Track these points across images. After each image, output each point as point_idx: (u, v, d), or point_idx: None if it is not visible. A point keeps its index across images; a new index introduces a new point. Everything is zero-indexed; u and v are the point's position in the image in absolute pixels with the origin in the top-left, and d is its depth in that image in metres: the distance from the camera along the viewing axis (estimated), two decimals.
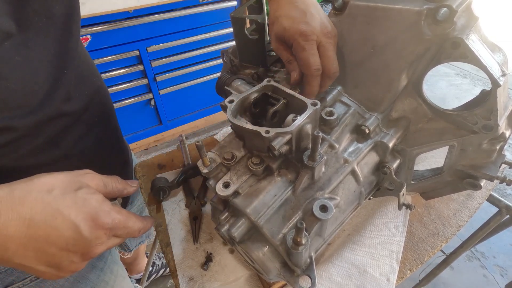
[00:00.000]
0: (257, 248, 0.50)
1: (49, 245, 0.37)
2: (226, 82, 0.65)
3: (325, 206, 0.46)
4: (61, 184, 0.39)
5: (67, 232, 0.38)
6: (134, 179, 0.59)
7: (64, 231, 0.37)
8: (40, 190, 0.37)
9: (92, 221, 0.39)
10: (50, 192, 0.38)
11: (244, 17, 0.59)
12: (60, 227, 0.37)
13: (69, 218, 0.37)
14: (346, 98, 0.59)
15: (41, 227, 0.36)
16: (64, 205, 0.38)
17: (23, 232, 0.35)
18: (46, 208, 0.36)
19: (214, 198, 0.57)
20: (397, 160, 0.58)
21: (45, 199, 0.37)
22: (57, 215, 0.37)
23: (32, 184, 0.37)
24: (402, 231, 0.74)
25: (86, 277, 0.71)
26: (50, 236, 0.37)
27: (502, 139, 0.53)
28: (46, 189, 0.38)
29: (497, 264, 1.71)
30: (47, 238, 0.37)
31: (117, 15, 1.72)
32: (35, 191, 0.37)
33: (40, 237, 0.36)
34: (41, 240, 0.36)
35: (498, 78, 0.46)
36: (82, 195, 0.40)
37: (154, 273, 1.59)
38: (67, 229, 0.37)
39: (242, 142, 0.55)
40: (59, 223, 0.37)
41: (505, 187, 2.03)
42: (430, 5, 0.48)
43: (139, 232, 0.48)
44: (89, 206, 0.40)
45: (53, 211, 0.37)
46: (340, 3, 0.57)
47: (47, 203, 0.37)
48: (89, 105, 0.61)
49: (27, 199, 0.36)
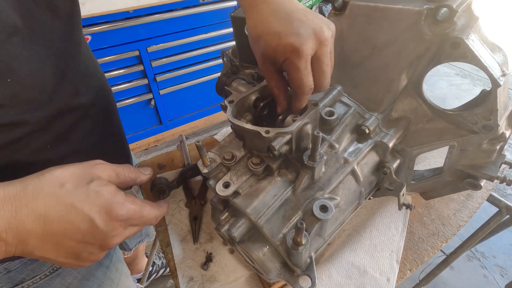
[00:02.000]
0: (257, 248, 0.50)
1: (66, 239, 0.37)
2: (226, 82, 0.65)
3: (325, 206, 0.46)
4: (73, 178, 0.39)
5: (83, 225, 0.38)
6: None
7: (79, 224, 0.37)
8: (52, 185, 0.37)
9: (106, 213, 0.39)
10: (62, 186, 0.38)
11: (244, 17, 0.59)
12: (75, 221, 0.37)
13: (83, 212, 0.37)
14: (346, 98, 0.59)
15: (56, 222, 0.36)
16: (77, 199, 0.38)
17: (40, 227, 0.35)
18: (59, 203, 0.36)
19: (214, 198, 0.57)
20: (397, 160, 0.58)
21: (58, 194, 0.37)
22: (71, 209, 0.37)
23: (44, 179, 0.37)
24: (402, 231, 0.74)
25: (93, 275, 0.71)
26: (67, 230, 0.37)
27: (502, 139, 0.53)
28: (58, 184, 0.38)
29: (497, 264, 1.71)
30: (64, 232, 0.37)
31: (117, 15, 1.72)
32: (47, 186, 0.37)
33: (57, 232, 0.36)
34: (58, 235, 0.37)
35: (498, 78, 0.46)
36: (95, 188, 0.40)
37: (154, 273, 1.59)
38: (82, 222, 0.37)
39: (242, 142, 0.55)
40: (73, 217, 0.37)
41: (505, 187, 2.03)
42: (430, 5, 0.48)
43: (156, 219, 0.47)
44: (102, 199, 0.39)
45: (67, 205, 0.37)
46: (340, 3, 0.57)
47: (60, 198, 0.37)
48: (95, 100, 0.61)
49: (40, 195, 0.36)
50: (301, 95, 0.48)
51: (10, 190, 0.35)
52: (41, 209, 0.35)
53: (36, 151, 0.51)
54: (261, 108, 0.55)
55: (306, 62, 0.44)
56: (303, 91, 0.47)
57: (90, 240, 0.39)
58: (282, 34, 0.43)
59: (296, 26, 0.43)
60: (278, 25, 0.44)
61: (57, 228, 0.36)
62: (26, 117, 0.47)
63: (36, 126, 0.49)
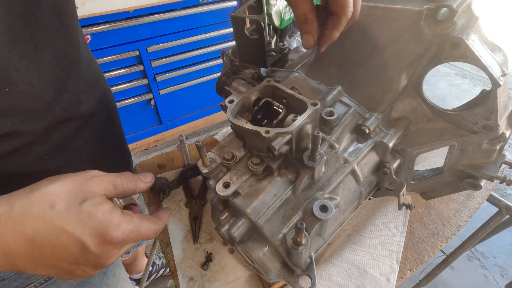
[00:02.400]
0: (257, 248, 0.50)
1: (58, 261, 0.36)
2: (226, 82, 0.65)
3: (325, 206, 0.46)
4: (65, 197, 0.36)
5: (74, 249, 0.36)
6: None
7: (71, 249, 0.36)
8: (41, 205, 0.34)
9: (99, 237, 0.37)
10: (52, 207, 0.35)
11: (244, 17, 0.59)
12: (66, 245, 0.35)
13: (74, 236, 0.35)
14: (346, 98, 0.59)
15: (46, 245, 0.34)
16: (68, 222, 0.35)
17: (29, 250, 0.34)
18: (49, 226, 0.34)
19: (214, 198, 0.57)
20: (397, 160, 0.58)
21: (47, 215, 0.34)
22: (61, 233, 0.35)
23: (33, 197, 0.35)
24: (402, 231, 0.74)
25: (89, 281, 0.71)
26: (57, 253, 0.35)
27: (502, 139, 0.53)
28: (48, 204, 0.35)
29: (497, 264, 1.71)
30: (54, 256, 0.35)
31: (117, 15, 1.72)
32: (36, 205, 0.34)
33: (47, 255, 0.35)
34: (49, 257, 0.35)
35: (498, 78, 0.46)
36: (87, 209, 0.37)
37: (154, 273, 1.59)
38: (74, 247, 0.36)
39: (242, 142, 0.55)
40: (64, 241, 0.35)
41: (505, 187, 2.02)
42: (430, 5, 0.48)
43: (155, 233, 0.45)
44: (96, 221, 0.37)
45: (57, 229, 0.34)
46: None
47: (49, 220, 0.34)
48: (96, 109, 0.60)
49: (28, 217, 0.33)
50: (343, 19, 0.46)
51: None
52: (29, 232, 0.33)
53: (33, 162, 0.49)
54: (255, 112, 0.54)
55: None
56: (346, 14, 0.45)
57: (83, 261, 0.38)
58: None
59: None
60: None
61: (47, 251, 0.35)
62: (24, 127, 0.45)
63: (34, 137, 0.47)
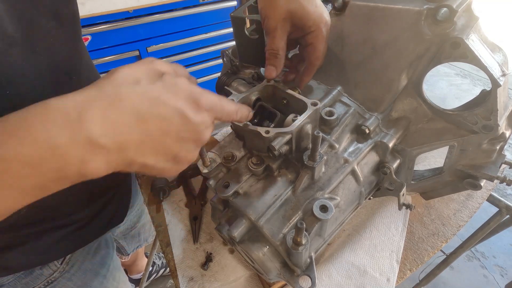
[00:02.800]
0: (257, 248, 0.50)
1: (163, 137, 0.34)
2: (226, 82, 0.65)
3: (325, 206, 0.46)
4: (144, 74, 0.35)
5: (175, 120, 0.34)
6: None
7: (171, 119, 0.34)
8: (128, 84, 0.33)
9: (192, 103, 0.36)
10: (138, 83, 0.34)
11: (244, 17, 0.59)
12: (167, 116, 0.34)
13: (170, 105, 0.34)
14: (346, 98, 0.59)
15: (149, 119, 0.33)
16: (160, 92, 0.34)
17: (135, 128, 0.32)
18: (145, 99, 0.33)
19: (214, 198, 0.57)
20: (397, 160, 0.58)
21: (139, 90, 0.33)
22: (158, 103, 0.33)
23: (116, 81, 0.33)
24: (402, 231, 0.74)
25: (90, 285, 0.71)
26: (161, 127, 0.34)
27: (502, 139, 0.53)
28: (133, 82, 0.34)
29: (497, 264, 1.71)
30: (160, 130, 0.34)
31: (117, 15, 1.72)
32: (124, 86, 0.33)
33: (153, 131, 0.33)
34: (155, 134, 0.34)
35: (498, 78, 0.46)
36: (170, 80, 0.36)
37: (154, 273, 1.59)
38: (173, 116, 0.34)
39: (242, 142, 0.55)
40: (163, 111, 0.33)
41: (505, 187, 2.02)
42: (430, 5, 0.48)
43: (237, 113, 0.43)
44: (183, 90, 0.36)
45: (153, 100, 0.33)
46: (340, 3, 0.57)
47: (142, 94, 0.33)
48: None
49: (122, 95, 0.32)
50: (314, 67, 0.54)
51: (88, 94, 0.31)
52: (129, 107, 0.31)
53: None
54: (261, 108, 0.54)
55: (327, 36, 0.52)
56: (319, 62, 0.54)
57: (185, 135, 0.36)
58: (317, 4, 0.50)
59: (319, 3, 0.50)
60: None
61: (152, 126, 0.33)
62: None
63: None
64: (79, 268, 0.68)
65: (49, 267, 0.63)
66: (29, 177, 0.28)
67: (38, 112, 0.29)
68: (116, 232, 1.00)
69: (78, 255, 0.68)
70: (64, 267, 0.65)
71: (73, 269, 0.67)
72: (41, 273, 0.62)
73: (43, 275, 0.62)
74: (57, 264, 0.64)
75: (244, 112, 0.45)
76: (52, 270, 0.63)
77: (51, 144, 0.28)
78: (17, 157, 0.27)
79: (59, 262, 0.64)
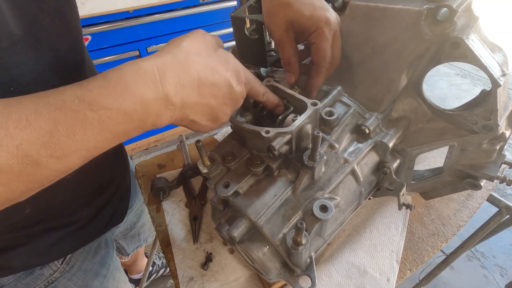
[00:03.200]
0: (257, 248, 0.50)
1: (213, 99, 0.41)
2: None
3: (325, 206, 0.46)
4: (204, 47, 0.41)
5: (224, 87, 0.41)
6: None
7: (221, 87, 0.41)
8: (193, 54, 0.39)
9: (236, 76, 0.43)
10: (200, 54, 0.40)
11: (244, 17, 0.59)
12: (218, 83, 0.40)
13: (223, 75, 0.41)
14: (346, 98, 0.59)
15: (206, 84, 0.39)
16: (216, 64, 0.41)
17: (195, 90, 0.38)
18: (205, 67, 0.39)
19: (214, 198, 0.57)
20: (397, 160, 0.58)
21: (201, 60, 0.39)
22: (214, 72, 0.40)
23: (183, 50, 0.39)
24: (402, 231, 0.74)
25: (90, 285, 0.71)
26: (213, 92, 0.40)
27: (502, 139, 0.53)
28: (196, 52, 0.40)
29: (497, 264, 1.71)
30: (211, 93, 0.40)
31: (117, 15, 1.72)
32: (191, 55, 0.39)
33: (206, 94, 0.40)
34: (207, 96, 0.40)
35: (498, 78, 0.46)
36: (222, 54, 0.43)
37: (154, 273, 1.59)
38: (224, 84, 0.41)
39: (242, 142, 0.55)
40: (217, 79, 0.40)
41: (505, 187, 2.03)
42: (430, 5, 0.48)
43: (263, 95, 0.49)
44: (231, 64, 0.43)
45: (211, 69, 0.40)
46: (340, 3, 0.57)
47: (204, 63, 0.39)
48: None
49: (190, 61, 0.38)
50: (323, 68, 0.53)
51: (165, 60, 0.37)
52: (195, 74, 0.38)
53: None
54: (261, 108, 0.55)
55: (331, 35, 0.50)
56: (325, 64, 0.52)
57: (228, 101, 0.43)
58: (316, 6, 0.50)
59: (323, 2, 0.50)
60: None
61: (206, 90, 0.40)
62: None
63: None
64: (79, 268, 0.68)
65: (50, 267, 0.63)
66: (122, 124, 0.33)
67: (133, 71, 0.34)
68: (116, 232, 1.00)
69: (78, 255, 0.68)
70: (64, 267, 0.65)
71: (73, 269, 0.67)
72: (42, 273, 0.62)
73: (44, 275, 0.62)
74: (58, 264, 0.64)
75: (269, 97, 0.50)
76: (53, 270, 0.63)
77: (142, 99, 0.34)
78: (119, 107, 0.32)
79: (59, 262, 0.64)
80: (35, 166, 0.29)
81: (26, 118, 0.28)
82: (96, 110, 0.31)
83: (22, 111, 0.28)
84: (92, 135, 0.31)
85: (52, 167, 0.30)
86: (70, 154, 0.31)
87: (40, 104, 0.29)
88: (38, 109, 0.29)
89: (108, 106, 0.32)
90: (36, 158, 0.29)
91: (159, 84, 0.35)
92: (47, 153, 0.29)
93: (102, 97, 0.32)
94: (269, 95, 0.50)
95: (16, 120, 0.28)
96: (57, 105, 0.30)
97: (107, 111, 0.32)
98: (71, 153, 0.31)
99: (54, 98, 0.30)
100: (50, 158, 0.29)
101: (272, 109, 0.53)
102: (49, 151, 0.29)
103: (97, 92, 0.32)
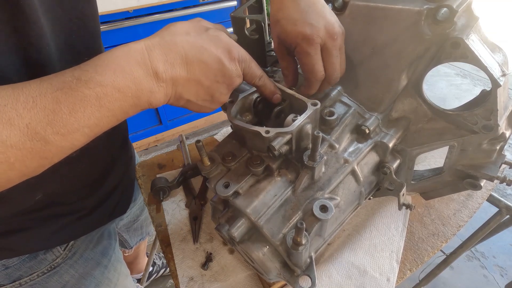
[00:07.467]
0: (257, 248, 0.50)
1: (204, 78, 0.42)
2: None
3: (325, 206, 0.46)
4: (193, 28, 0.43)
5: (214, 65, 0.42)
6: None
7: (212, 64, 0.42)
8: (181, 34, 0.41)
9: (228, 53, 0.44)
10: (189, 34, 0.42)
11: (244, 17, 0.59)
12: (208, 61, 0.42)
13: (212, 53, 0.42)
14: (346, 98, 0.59)
15: (195, 62, 0.41)
16: (205, 42, 0.42)
17: (184, 69, 0.40)
18: (193, 46, 0.41)
19: (214, 198, 0.57)
20: (397, 160, 0.58)
21: (189, 40, 0.41)
22: (203, 50, 0.41)
23: (171, 31, 0.41)
24: (402, 231, 0.74)
25: (91, 274, 0.71)
26: (203, 70, 0.42)
27: (502, 139, 0.53)
28: (184, 33, 0.42)
29: (497, 264, 1.71)
30: (201, 72, 0.42)
31: (117, 15, 1.72)
32: (178, 35, 0.41)
33: (196, 72, 0.41)
34: (197, 75, 0.42)
35: (498, 78, 0.46)
36: (213, 33, 0.44)
37: (154, 273, 1.59)
38: (214, 62, 0.42)
39: (242, 142, 0.55)
40: (206, 58, 0.41)
41: (505, 187, 2.02)
42: (430, 5, 0.48)
43: (260, 77, 0.49)
44: (223, 42, 0.44)
45: (199, 48, 0.41)
46: (340, 3, 0.57)
47: (192, 42, 0.41)
48: None
49: (176, 42, 0.40)
50: (312, 80, 0.52)
51: (153, 41, 0.39)
52: (182, 52, 0.40)
53: None
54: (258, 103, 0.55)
55: (315, 49, 0.49)
56: (314, 76, 0.52)
57: (221, 79, 0.44)
58: (298, 22, 0.49)
59: (311, 17, 0.49)
60: (296, 13, 0.49)
61: (196, 68, 0.41)
62: None
63: None
64: (81, 256, 0.69)
65: (53, 253, 0.64)
66: (118, 100, 0.36)
67: (124, 52, 0.37)
68: (120, 224, 1.02)
69: (81, 243, 0.69)
70: (66, 254, 0.66)
71: (75, 256, 0.68)
72: (45, 258, 0.63)
73: (47, 260, 0.63)
74: (60, 250, 0.65)
75: (266, 81, 0.50)
76: (55, 256, 0.65)
77: (133, 76, 0.36)
78: (113, 83, 0.35)
79: (62, 248, 0.66)
80: (44, 143, 0.32)
81: (32, 99, 0.31)
82: (92, 88, 0.34)
83: (29, 93, 0.31)
84: (92, 112, 0.34)
85: (58, 144, 0.33)
86: (74, 131, 0.33)
87: (44, 86, 0.32)
88: (42, 90, 0.32)
89: (102, 83, 0.34)
90: (44, 135, 0.32)
91: (148, 61, 0.37)
92: (53, 130, 0.32)
93: (97, 75, 0.34)
94: (266, 79, 0.50)
95: (23, 101, 0.31)
96: (58, 86, 0.33)
97: (103, 88, 0.34)
98: (74, 130, 0.33)
99: (55, 80, 0.33)
100: (56, 135, 0.32)
101: (268, 97, 0.52)
102: (54, 129, 0.32)
103: (92, 71, 0.34)
